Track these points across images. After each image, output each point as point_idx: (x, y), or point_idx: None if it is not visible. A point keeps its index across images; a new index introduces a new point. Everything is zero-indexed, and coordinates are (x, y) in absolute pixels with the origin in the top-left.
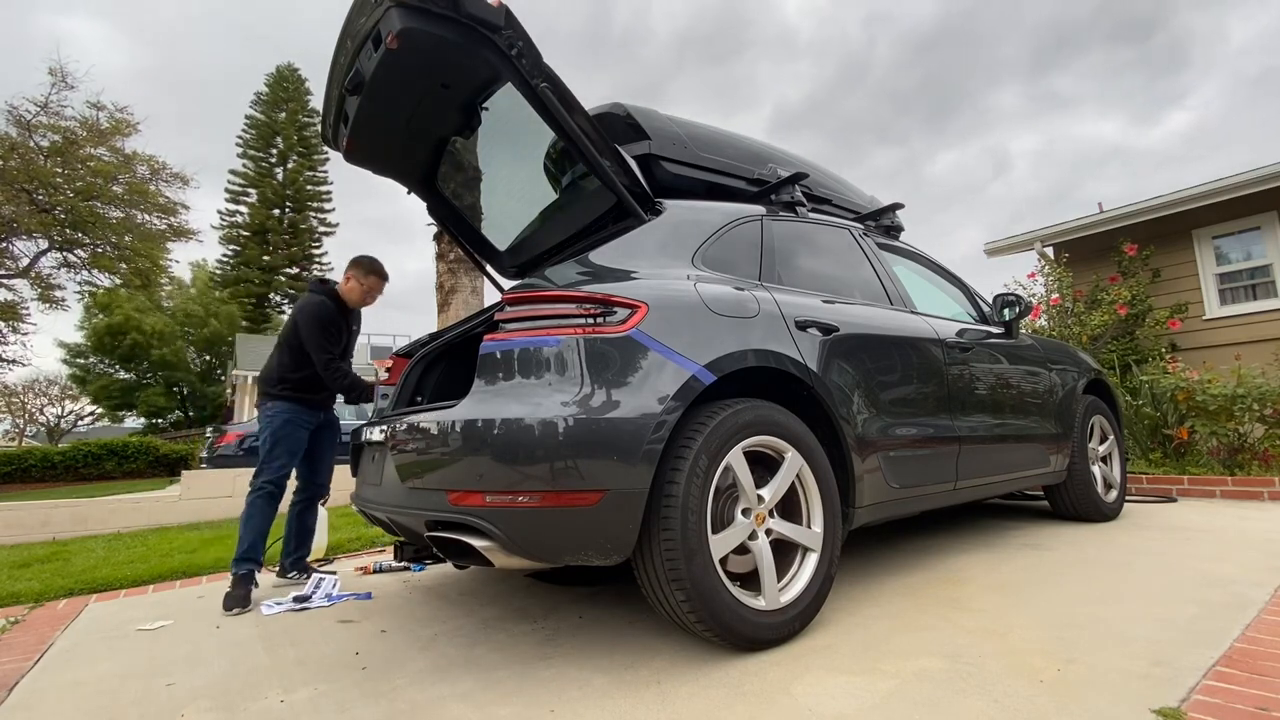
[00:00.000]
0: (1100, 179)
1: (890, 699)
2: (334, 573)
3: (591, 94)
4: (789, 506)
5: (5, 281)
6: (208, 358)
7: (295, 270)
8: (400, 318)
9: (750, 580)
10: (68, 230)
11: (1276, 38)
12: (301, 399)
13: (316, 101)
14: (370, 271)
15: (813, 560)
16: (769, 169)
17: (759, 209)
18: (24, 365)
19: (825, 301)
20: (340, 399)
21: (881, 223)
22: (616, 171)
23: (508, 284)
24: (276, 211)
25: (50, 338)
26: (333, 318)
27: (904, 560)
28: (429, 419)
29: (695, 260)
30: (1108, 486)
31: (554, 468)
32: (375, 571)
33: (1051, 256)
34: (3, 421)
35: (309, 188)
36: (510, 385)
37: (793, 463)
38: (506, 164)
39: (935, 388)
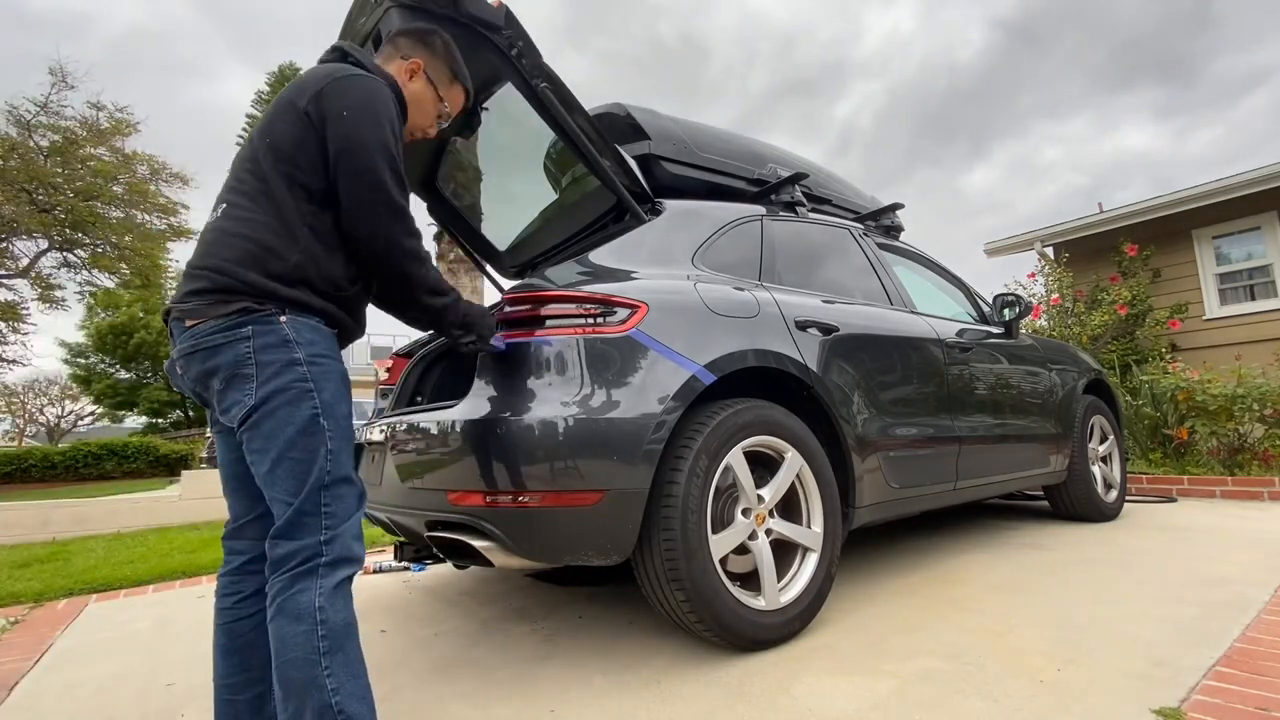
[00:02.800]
0: (1130, 189)
1: (890, 699)
2: None
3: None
4: (789, 506)
5: (5, 281)
6: None
7: None
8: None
9: (750, 580)
10: (68, 230)
11: None
12: (336, 321)
13: None
14: (456, 78)
15: (813, 560)
16: (769, 169)
17: (759, 209)
18: (24, 365)
19: (825, 301)
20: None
21: (881, 223)
22: (616, 171)
23: (508, 284)
24: None
25: (51, 338)
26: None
27: (904, 560)
28: (429, 419)
29: (695, 260)
30: (1108, 486)
31: (554, 468)
32: (375, 571)
33: (1051, 256)
34: (3, 421)
35: None
36: (510, 385)
37: (793, 463)
38: (507, 164)
39: (935, 388)
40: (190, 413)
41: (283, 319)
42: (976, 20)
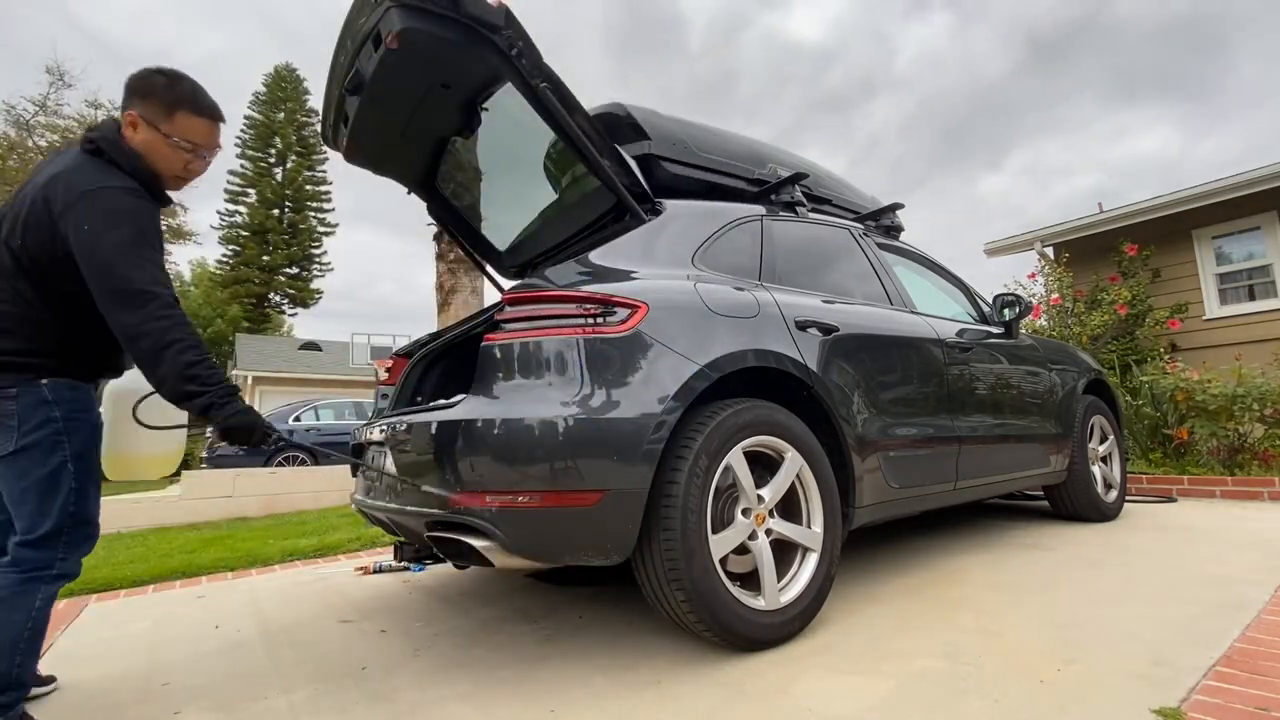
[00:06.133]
0: (1145, 191)
1: (890, 699)
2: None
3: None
4: (789, 506)
5: None
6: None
7: (295, 270)
8: (410, 325)
9: (750, 580)
10: None
11: None
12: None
13: (314, 101)
14: (182, 102)
15: (813, 560)
16: (769, 169)
17: (759, 209)
18: None
19: (825, 301)
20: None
21: (881, 223)
22: (616, 171)
23: (508, 284)
24: (276, 211)
25: None
26: (152, 212)
27: (904, 560)
28: (429, 419)
29: (695, 260)
30: (1108, 486)
31: (554, 468)
32: (375, 571)
33: (1051, 256)
34: None
35: (308, 187)
36: (510, 385)
37: (793, 463)
38: (506, 164)
39: (935, 388)
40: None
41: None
42: (1001, 35)
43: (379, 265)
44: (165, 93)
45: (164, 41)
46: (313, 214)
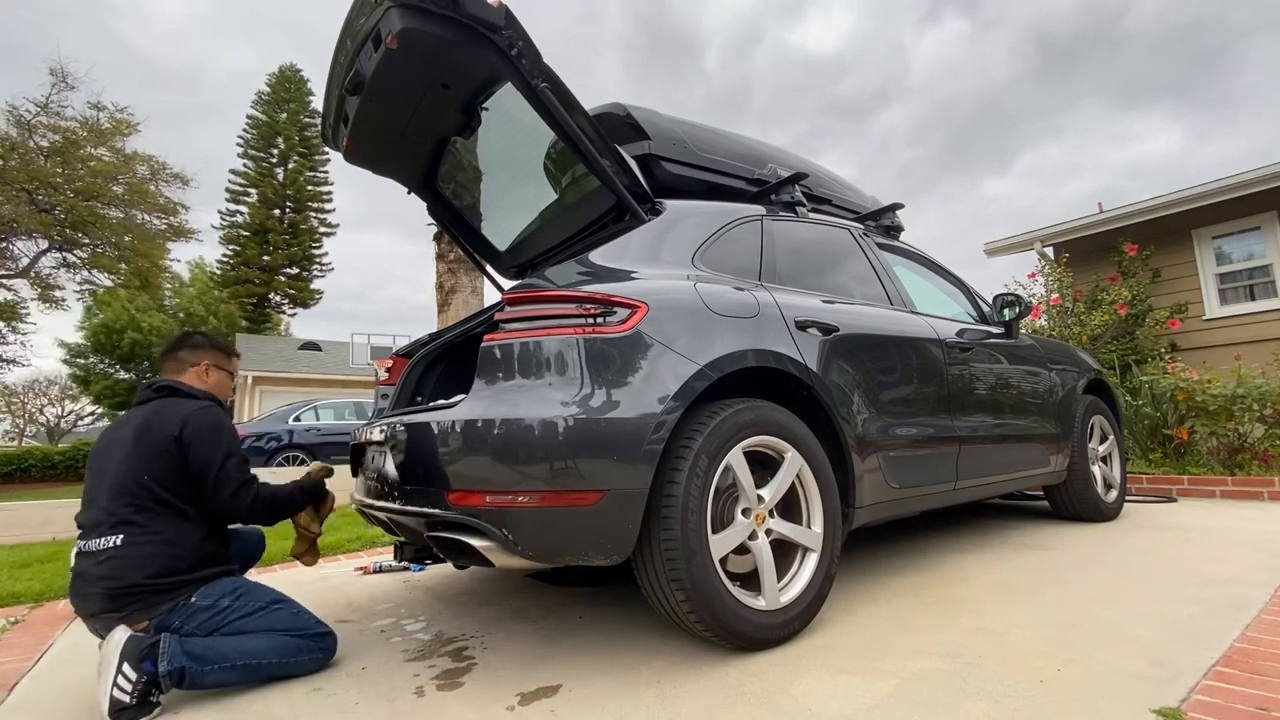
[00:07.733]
0: (1151, 189)
1: (890, 699)
2: None
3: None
4: (789, 506)
5: (5, 282)
6: None
7: (295, 270)
8: (414, 326)
9: (750, 580)
10: (67, 230)
11: None
12: None
13: (318, 102)
14: (233, 351)
15: (813, 560)
16: (769, 169)
17: (759, 209)
18: (24, 365)
19: (825, 301)
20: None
21: (881, 223)
22: (616, 171)
23: (508, 284)
24: (277, 211)
25: (51, 337)
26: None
27: (904, 560)
28: (429, 419)
29: (695, 260)
30: (1108, 486)
31: (554, 468)
32: (375, 571)
33: (1051, 256)
34: (3, 421)
35: (310, 188)
36: (510, 385)
37: (793, 463)
38: (507, 164)
39: (935, 388)
40: None
41: None
42: (1011, 42)
43: (393, 267)
44: (226, 347)
45: (199, 53)
46: (314, 214)
